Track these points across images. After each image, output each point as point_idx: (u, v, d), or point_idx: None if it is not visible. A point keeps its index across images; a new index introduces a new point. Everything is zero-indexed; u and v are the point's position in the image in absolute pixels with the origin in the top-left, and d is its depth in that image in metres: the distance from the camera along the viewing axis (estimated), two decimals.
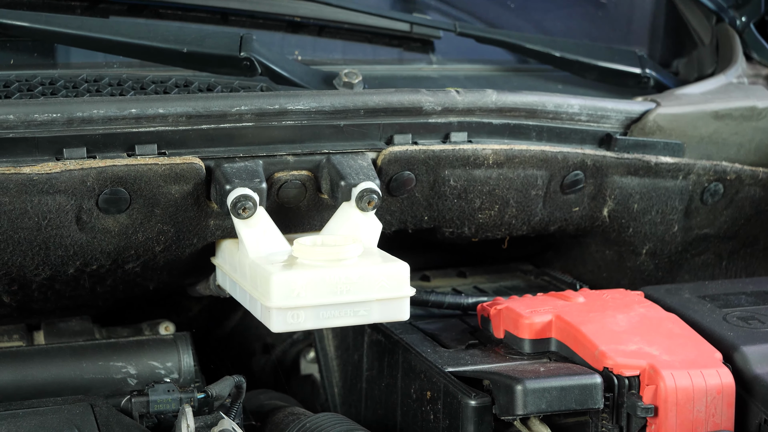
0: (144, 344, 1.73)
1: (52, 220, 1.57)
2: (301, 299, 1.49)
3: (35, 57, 1.84)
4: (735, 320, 1.64)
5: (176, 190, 1.60)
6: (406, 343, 1.64)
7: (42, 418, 1.47)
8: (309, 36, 2.07)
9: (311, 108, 1.65)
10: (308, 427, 1.60)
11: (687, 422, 1.47)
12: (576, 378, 1.45)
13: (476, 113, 1.75)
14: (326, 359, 1.92)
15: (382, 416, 1.71)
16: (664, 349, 1.52)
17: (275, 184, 1.65)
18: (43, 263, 1.61)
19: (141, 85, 1.74)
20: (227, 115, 1.62)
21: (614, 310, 1.62)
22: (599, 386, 1.45)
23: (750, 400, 1.52)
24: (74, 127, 1.56)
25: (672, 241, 2.02)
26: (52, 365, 1.68)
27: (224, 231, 1.66)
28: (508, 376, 1.44)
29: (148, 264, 1.68)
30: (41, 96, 1.67)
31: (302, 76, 1.85)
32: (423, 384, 1.57)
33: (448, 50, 2.15)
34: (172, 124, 1.60)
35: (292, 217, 1.69)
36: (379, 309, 1.53)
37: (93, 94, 1.70)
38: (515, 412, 1.41)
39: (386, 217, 1.72)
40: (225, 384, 1.61)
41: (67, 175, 1.54)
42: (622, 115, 1.87)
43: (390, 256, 1.59)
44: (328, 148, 1.68)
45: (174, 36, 1.80)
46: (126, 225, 1.61)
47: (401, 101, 1.71)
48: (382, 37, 2.09)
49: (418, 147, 1.71)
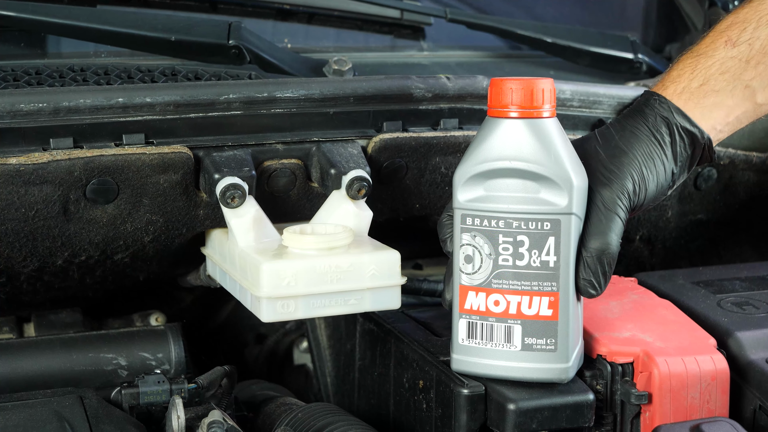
0: (134, 335, 1.72)
1: (40, 211, 1.55)
2: (292, 288, 1.48)
3: (21, 47, 1.83)
4: (729, 306, 1.63)
5: (164, 180, 1.59)
6: (399, 331, 1.63)
7: (31, 411, 1.45)
8: (299, 24, 2.06)
9: (300, 96, 1.64)
10: (300, 417, 1.59)
11: (681, 409, 1.46)
12: (569, 397, 1.43)
13: (467, 99, 1.74)
14: (319, 349, 1.91)
15: (374, 405, 1.70)
16: (658, 335, 1.52)
17: (265, 172, 1.64)
18: (31, 255, 1.60)
19: (128, 74, 1.73)
20: (215, 103, 1.60)
21: (607, 296, 1.61)
22: (591, 404, 1.43)
23: (744, 386, 1.51)
24: (61, 117, 1.54)
25: (666, 227, 2.01)
26: (42, 357, 1.66)
27: (214, 220, 1.65)
28: (501, 393, 1.43)
29: (137, 254, 1.67)
30: (27, 86, 1.66)
31: (292, 64, 1.83)
32: (415, 373, 1.56)
33: (439, 37, 2.14)
34: (160, 113, 1.59)
35: (282, 206, 1.67)
36: (370, 298, 1.52)
37: (79, 83, 1.68)
38: (505, 431, 1.41)
39: (377, 205, 1.70)
40: (215, 374, 1.61)
41: (54, 166, 1.53)
42: (615, 100, 1.86)
43: (381, 245, 1.58)
44: (318, 136, 1.67)
45: (162, 24, 1.79)
46: (114, 215, 1.60)
47: (391, 88, 1.69)
48: (373, 24, 2.08)
49: (408, 134, 1.70)
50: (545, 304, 1.42)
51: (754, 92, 1.52)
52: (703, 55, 1.54)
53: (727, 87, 1.51)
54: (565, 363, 1.43)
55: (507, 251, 1.42)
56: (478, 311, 1.44)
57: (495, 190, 1.41)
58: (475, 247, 1.43)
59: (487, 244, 1.42)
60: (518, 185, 1.40)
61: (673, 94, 1.52)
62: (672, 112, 1.50)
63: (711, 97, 1.51)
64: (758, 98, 1.53)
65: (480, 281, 1.43)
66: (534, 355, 1.43)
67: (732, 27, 1.54)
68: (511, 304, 1.42)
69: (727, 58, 1.52)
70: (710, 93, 1.51)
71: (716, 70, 1.52)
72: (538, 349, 1.43)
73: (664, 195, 1.51)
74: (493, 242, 1.42)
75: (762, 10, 1.53)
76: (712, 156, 1.53)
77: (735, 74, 1.52)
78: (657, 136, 1.48)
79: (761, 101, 1.53)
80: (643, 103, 1.52)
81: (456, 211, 1.44)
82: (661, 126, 1.49)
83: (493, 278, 1.43)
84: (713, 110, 1.52)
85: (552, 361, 1.43)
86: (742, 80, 1.52)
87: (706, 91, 1.51)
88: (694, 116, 1.50)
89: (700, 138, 1.50)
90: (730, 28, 1.54)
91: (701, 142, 1.50)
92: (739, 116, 1.54)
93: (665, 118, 1.50)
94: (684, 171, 1.52)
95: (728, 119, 1.53)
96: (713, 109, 1.52)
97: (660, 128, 1.49)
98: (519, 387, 1.43)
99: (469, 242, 1.43)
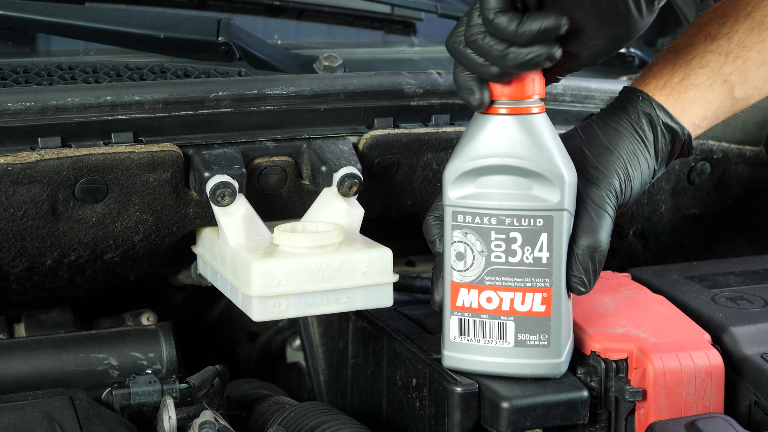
0: (125, 335, 1.71)
1: (28, 211, 1.54)
2: (283, 287, 1.47)
3: (9, 45, 1.82)
4: (724, 301, 1.63)
5: (154, 178, 1.58)
6: (391, 329, 1.62)
7: (20, 413, 1.44)
8: (289, 20, 2.05)
9: (290, 92, 1.63)
10: (292, 416, 1.58)
11: (676, 405, 1.46)
12: (563, 395, 1.42)
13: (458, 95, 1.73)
14: (311, 347, 1.90)
15: (368, 404, 1.70)
16: (652, 331, 1.51)
17: (255, 170, 1.63)
18: (20, 255, 1.59)
19: (117, 72, 1.72)
20: (205, 101, 1.59)
21: (601, 292, 1.60)
22: (585, 401, 1.43)
23: (739, 382, 1.51)
24: (49, 116, 1.53)
25: (659, 221, 2.01)
26: (32, 358, 1.65)
27: (204, 219, 1.64)
28: (495, 391, 1.42)
29: (127, 254, 1.66)
30: (15, 84, 1.65)
31: (282, 61, 1.83)
32: (408, 371, 1.55)
33: (430, 32, 2.13)
34: (149, 111, 1.57)
35: (273, 204, 1.66)
36: (362, 296, 1.51)
37: (68, 82, 1.67)
38: (500, 429, 1.40)
39: (369, 202, 1.70)
40: (207, 374, 1.60)
41: (43, 165, 1.52)
42: (607, 95, 1.85)
43: (373, 242, 1.57)
44: (309, 133, 1.66)
45: (151, 22, 1.78)
46: (103, 214, 1.59)
47: (382, 84, 1.69)
48: (363, 19, 2.07)
49: (399, 130, 1.69)
50: (538, 300, 1.41)
51: (732, 87, 1.52)
52: (683, 50, 1.54)
53: (707, 81, 1.51)
54: (558, 358, 1.43)
55: (499, 248, 1.41)
56: (470, 308, 1.43)
57: (486, 186, 1.41)
58: (466, 244, 1.42)
59: (479, 241, 1.41)
60: (510, 182, 1.40)
61: (655, 90, 1.51)
62: (654, 108, 1.50)
63: (691, 91, 1.51)
64: (736, 93, 1.53)
65: (472, 278, 1.42)
66: (527, 351, 1.42)
67: (711, 22, 1.54)
68: (503, 301, 1.42)
69: (706, 52, 1.52)
70: (690, 87, 1.51)
71: (696, 64, 1.52)
72: (531, 345, 1.42)
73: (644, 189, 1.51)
74: (485, 239, 1.41)
75: (741, 4, 1.53)
76: (690, 151, 1.53)
77: (714, 68, 1.51)
78: (640, 133, 1.48)
79: (739, 96, 1.53)
80: (624, 99, 1.52)
81: (446, 209, 1.43)
82: (643, 123, 1.49)
83: (485, 275, 1.42)
84: (693, 105, 1.51)
85: (545, 356, 1.42)
86: (721, 74, 1.51)
87: (686, 85, 1.51)
88: (675, 112, 1.50)
89: (681, 134, 1.50)
90: (710, 23, 1.54)
91: (681, 138, 1.50)
92: (716, 111, 1.54)
93: (647, 114, 1.49)
94: (663, 166, 1.52)
95: (706, 113, 1.53)
96: (693, 103, 1.51)
97: (642, 125, 1.49)
98: (512, 385, 1.43)
99: (460, 239, 1.42)
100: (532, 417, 1.40)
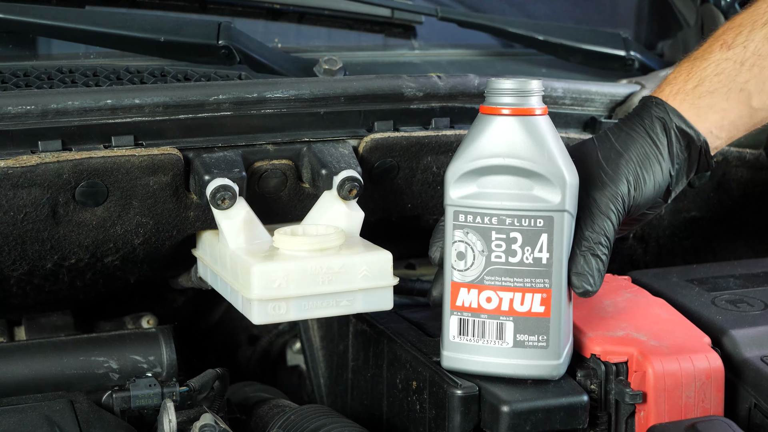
0: (126, 338, 1.71)
1: (29, 214, 1.54)
2: (283, 290, 1.47)
3: (9, 48, 1.82)
4: (724, 304, 1.63)
5: (154, 182, 1.58)
6: (391, 332, 1.62)
7: (21, 416, 1.44)
8: (289, 23, 2.05)
9: (290, 96, 1.63)
10: (293, 419, 1.58)
11: (676, 408, 1.46)
12: (563, 399, 1.42)
13: (458, 98, 1.73)
14: (312, 350, 1.90)
15: (368, 407, 1.70)
16: (652, 334, 1.51)
17: (255, 173, 1.63)
18: (20, 258, 1.59)
19: (117, 76, 1.72)
20: (205, 104, 1.59)
21: (601, 295, 1.60)
22: (585, 406, 1.43)
23: (739, 384, 1.50)
24: (49, 119, 1.53)
25: (659, 224, 2.01)
26: (33, 361, 1.66)
27: (204, 222, 1.64)
28: (495, 395, 1.42)
29: (127, 257, 1.66)
30: (15, 88, 1.65)
31: (282, 64, 1.83)
32: (409, 374, 1.55)
33: (430, 35, 2.13)
34: (149, 115, 1.58)
35: (273, 207, 1.66)
36: (362, 299, 1.51)
37: (68, 85, 1.67)
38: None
39: (369, 206, 1.69)
40: (207, 377, 1.60)
41: (43, 168, 1.52)
42: (607, 98, 1.86)
43: (373, 245, 1.57)
44: (309, 137, 1.66)
45: (151, 25, 1.78)
46: (104, 218, 1.59)
47: (382, 87, 1.69)
48: (363, 23, 2.07)
49: (399, 133, 1.69)
50: (537, 301, 1.41)
51: (749, 96, 1.52)
52: (699, 58, 1.54)
53: (721, 89, 1.51)
54: (557, 360, 1.43)
55: (500, 248, 1.41)
56: (470, 308, 1.43)
57: (488, 187, 1.41)
58: (467, 243, 1.42)
59: (480, 240, 1.41)
60: (511, 182, 1.40)
61: (669, 96, 1.52)
62: (667, 112, 1.50)
63: (706, 98, 1.51)
64: (754, 102, 1.52)
65: (472, 278, 1.43)
66: (526, 352, 1.42)
67: (728, 32, 1.55)
68: (503, 301, 1.42)
69: (721, 60, 1.52)
70: (705, 94, 1.51)
71: (711, 71, 1.52)
72: (530, 345, 1.42)
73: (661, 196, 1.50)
74: (485, 239, 1.41)
75: (757, 14, 1.53)
76: (710, 162, 1.53)
77: (729, 76, 1.51)
78: (652, 136, 1.49)
79: (757, 105, 1.53)
80: (640, 107, 1.53)
81: (448, 208, 1.43)
82: (656, 126, 1.49)
83: (485, 275, 1.42)
84: (708, 112, 1.51)
85: (544, 357, 1.43)
86: (737, 83, 1.51)
87: (701, 92, 1.51)
88: (689, 117, 1.50)
89: (696, 140, 1.50)
90: (726, 33, 1.55)
91: (698, 145, 1.50)
92: (734, 120, 1.53)
93: (660, 119, 1.50)
94: (683, 175, 1.52)
95: (723, 122, 1.52)
96: (708, 110, 1.51)
97: (655, 128, 1.49)
98: (513, 388, 1.43)
99: (461, 239, 1.42)
100: (532, 421, 1.40)
